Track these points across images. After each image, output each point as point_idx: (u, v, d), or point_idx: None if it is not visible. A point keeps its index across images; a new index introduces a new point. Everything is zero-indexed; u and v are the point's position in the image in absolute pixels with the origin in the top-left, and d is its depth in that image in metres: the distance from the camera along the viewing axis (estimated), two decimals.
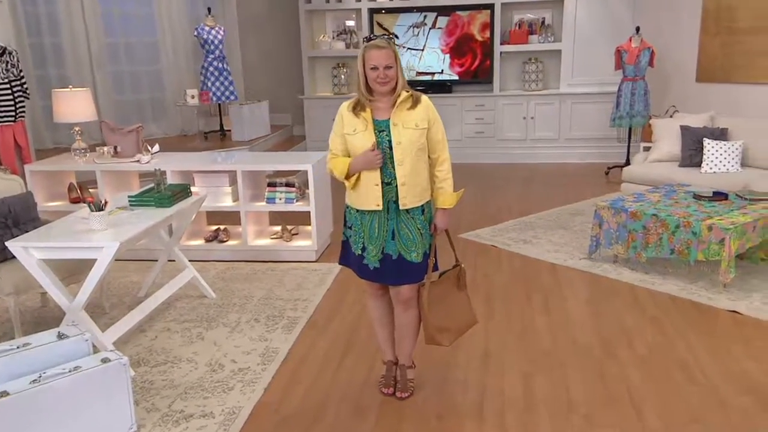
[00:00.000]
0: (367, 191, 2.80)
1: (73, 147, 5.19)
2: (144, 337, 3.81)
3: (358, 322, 3.91)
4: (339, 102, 9.72)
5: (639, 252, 4.48)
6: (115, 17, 8.12)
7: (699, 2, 7.57)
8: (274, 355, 3.52)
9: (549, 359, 3.39)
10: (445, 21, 8.69)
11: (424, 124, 2.78)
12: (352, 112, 2.80)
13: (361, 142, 2.76)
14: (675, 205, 4.53)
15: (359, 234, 2.89)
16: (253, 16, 9.41)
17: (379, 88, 2.72)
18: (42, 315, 4.18)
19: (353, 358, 3.48)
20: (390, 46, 2.71)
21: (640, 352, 3.43)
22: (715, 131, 5.71)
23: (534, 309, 4.02)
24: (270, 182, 5.11)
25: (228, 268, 4.95)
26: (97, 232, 3.33)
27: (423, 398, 3.07)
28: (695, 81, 7.74)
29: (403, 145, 2.75)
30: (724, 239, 4.04)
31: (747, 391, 3.05)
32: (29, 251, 3.21)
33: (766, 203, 4.51)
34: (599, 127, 8.38)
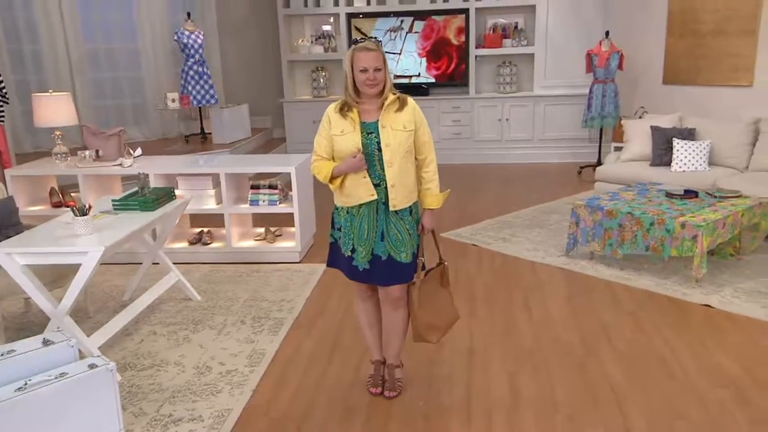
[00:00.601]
0: (357, 187, 2.74)
1: (54, 151, 5.04)
2: (130, 341, 3.70)
3: (343, 323, 3.85)
4: (318, 105, 9.59)
5: (615, 249, 4.49)
6: (95, 23, 7.94)
7: (665, 7, 7.63)
8: (261, 356, 3.44)
9: (532, 357, 3.36)
10: (422, 25, 8.65)
11: (411, 126, 2.74)
12: (339, 113, 2.74)
13: (349, 143, 2.71)
14: (648, 203, 4.54)
15: (348, 235, 2.83)
16: (233, 20, 9.28)
17: (367, 90, 2.67)
18: (25, 320, 4.04)
19: (340, 359, 3.42)
20: (379, 49, 2.66)
21: (619, 349, 3.42)
22: (684, 131, 5.75)
23: (516, 307, 4.00)
24: (253, 184, 5.01)
25: (213, 270, 4.85)
26: (81, 236, 3.22)
27: (410, 397, 3.02)
28: (662, 83, 7.80)
29: (392, 147, 2.70)
30: (697, 236, 4.05)
31: (723, 385, 3.05)
32: (12, 257, 3.08)
33: (734, 200, 4.55)
34: (571, 128, 8.42)
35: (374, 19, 8.70)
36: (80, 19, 7.70)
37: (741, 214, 4.36)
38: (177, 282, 4.19)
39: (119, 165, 4.93)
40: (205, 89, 8.00)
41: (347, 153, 2.71)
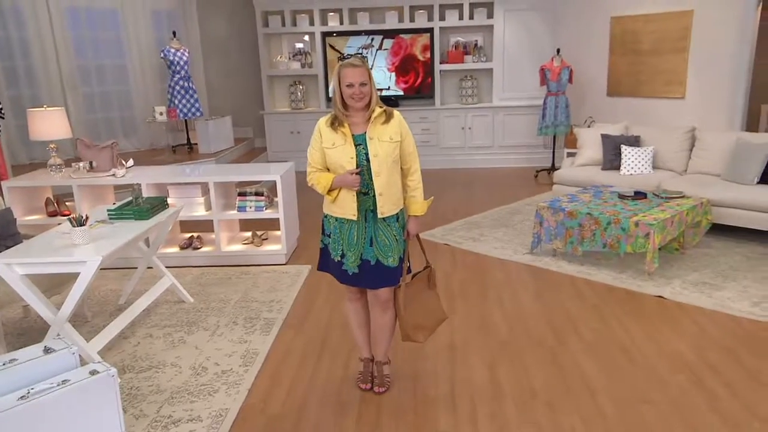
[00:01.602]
0: (345, 202, 2.66)
1: (49, 163, 4.79)
2: (127, 344, 3.51)
3: (330, 322, 3.73)
4: (296, 116, 9.41)
5: (575, 246, 4.46)
6: (85, 41, 7.63)
7: (607, 27, 7.70)
8: (255, 356, 3.30)
9: (508, 349, 3.29)
10: (390, 43, 8.55)
11: (397, 137, 2.65)
12: (330, 127, 2.64)
13: (340, 155, 2.61)
14: (604, 204, 4.53)
15: (338, 241, 2.73)
16: (215, 38, 9.05)
17: (354, 104, 2.57)
18: (24, 326, 3.81)
19: (329, 357, 3.30)
20: (364, 65, 2.57)
21: (587, 339, 3.37)
22: (630, 138, 5.77)
23: (490, 302, 3.92)
24: (240, 192, 4.85)
25: (203, 273, 4.67)
26: (79, 246, 3.04)
27: (399, 392, 2.92)
28: (606, 95, 7.88)
29: (380, 157, 2.60)
30: (649, 233, 4.04)
31: (680, 370, 3.03)
32: (12, 267, 2.88)
33: (679, 201, 4.57)
34: (527, 136, 8.43)
35: (347, 38, 8.57)
36: (71, 37, 7.40)
37: (686, 213, 4.37)
38: (170, 285, 4.01)
39: (112, 175, 4.71)
40: (191, 103, 7.77)
41: (340, 164, 2.62)
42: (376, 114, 2.61)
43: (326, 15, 8.57)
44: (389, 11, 8.46)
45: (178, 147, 8.08)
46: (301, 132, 8.76)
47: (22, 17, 6.93)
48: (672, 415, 2.65)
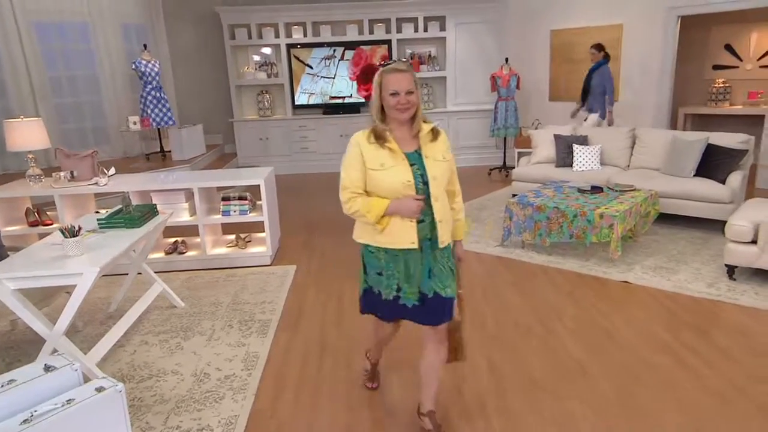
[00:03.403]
0: (401, 230, 2.06)
1: (28, 173, 4.30)
2: (123, 352, 3.15)
3: (324, 321, 3.47)
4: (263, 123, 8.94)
5: (544, 238, 4.36)
6: (56, 52, 7.01)
7: (548, 39, 7.71)
8: (256, 359, 3.00)
9: (501, 342, 3.13)
10: (351, 54, 8.27)
11: (448, 155, 2.13)
12: (376, 143, 2.04)
13: (393, 177, 2.02)
14: (568, 199, 4.45)
15: (393, 276, 2.14)
16: (183, 50, 8.53)
17: (399, 115, 2.02)
18: (12, 339, 3.37)
19: (331, 357, 3.04)
20: (409, 70, 2.03)
21: (570, 326, 3.25)
22: (579, 138, 5.75)
23: (475, 297, 3.74)
24: (224, 196, 4.50)
25: (190, 277, 4.30)
26: (72, 257, 2.67)
27: (404, 390, 2.70)
28: (548, 100, 7.90)
29: (438, 180, 2.06)
30: (613, 224, 3.98)
31: (661, 350, 2.94)
32: (3, 283, 2.49)
33: (632, 193, 4.54)
34: (479, 137, 8.36)
35: (311, 49, 8.25)
36: (40, 49, 6.77)
37: (641, 204, 4.34)
38: (161, 291, 3.65)
39: (95, 184, 4.27)
40: (163, 112, 7.28)
41: (392, 189, 2.03)
42: (427, 129, 2.08)
43: (291, 28, 8.22)
44: (350, 24, 8.20)
45: (151, 155, 7.57)
46: (270, 138, 8.39)
47: None
48: (665, 394, 2.55)
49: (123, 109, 7.63)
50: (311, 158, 8.48)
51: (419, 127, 2.08)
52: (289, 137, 8.41)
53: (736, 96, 7.75)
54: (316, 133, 8.40)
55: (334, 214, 5.96)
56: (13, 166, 6.41)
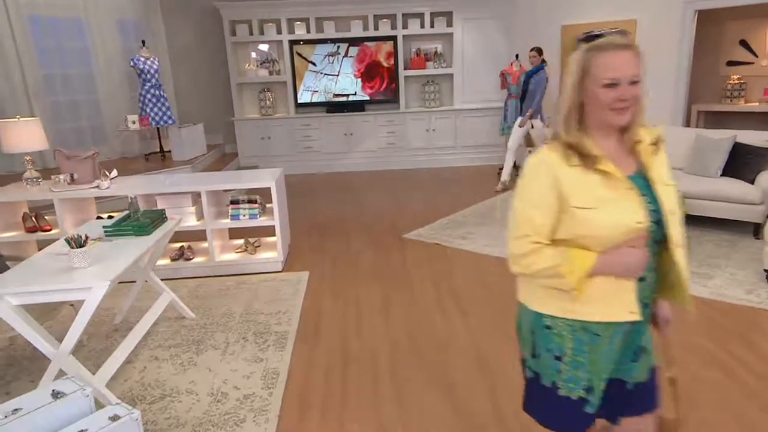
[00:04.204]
0: (610, 294, 1.37)
1: (26, 176, 4.09)
2: (132, 369, 2.95)
3: (345, 331, 3.29)
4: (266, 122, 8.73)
5: None
6: (50, 50, 6.77)
7: (558, 35, 7.54)
8: (276, 376, 2.82)
9: None
10: (356, 50, 8.10)
11: (671, 173, 1.44)
12: (580, 165, 1.33)
13: (618, 217, 1.32)
14: None
15: (581, 366, 1.42)
16: (182, 47, 8.31)
17: (615, 119, 1.33)
18: (11, 355, 3.17)
19: (355, 369, 2.86)
20: (633, 45, 1.34)
21: None
22: None
23: (502, 304, 3.58)
24: (233, 200, 4.31)
25: (199, 285, 4.11)
26: (79, 270, 2.47)
27: (441, 409, 2.52)
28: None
29: (676, 214, 1.38)
30: None
31: (710, 364, 2.78)
32: (4, 298, 2.30)
33: None
34: (486, 136, 8.19)
35: (314, 46, 8.05)
36: (34, 46, 6.53)
37: None
38: (169, 301, 3.45)
39: (96, 187, 4.07)
40: (162, 111, 7.07)
41: (610, 237, 1.32)
42: (649, 138, 1.40)
43: (293, 24, 8.01)
44: (354, 20, 8.00)
45: (150, 155, 7.36)
46: (272, 137, 8.19)
47: None
48: (722, 414, 2.38)
49: (120, 108, 7.41)
50: (315, 158, 8.29)
51: (637, 136, 1.38)
52: (292, 136, 8.21)
53: (752, 93, 7.62)
54: (319, 132, 8.20)
55: (341, 216, 5.78)
56: (6, 167, 6.18)
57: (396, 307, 3.56)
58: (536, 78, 6.25)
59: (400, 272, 4.15)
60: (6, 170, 6.31)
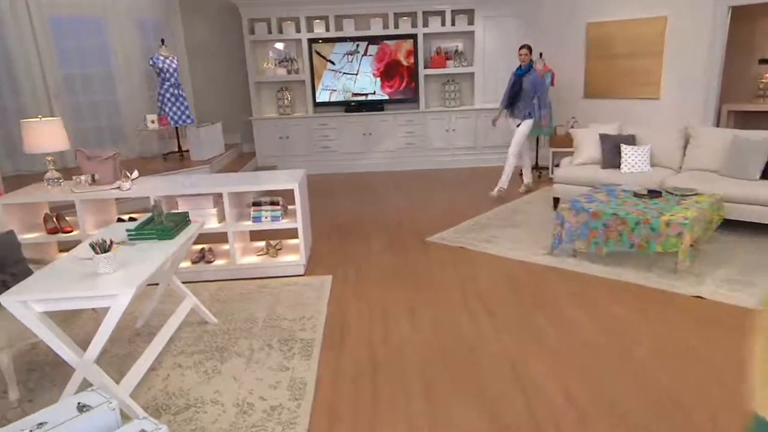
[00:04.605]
0: None
1: (47, 177, 4.05)
2: (155, 377, 2.88)
3: (372, 338, 3.19)
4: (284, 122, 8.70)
5: (600, 247, 4.05)
6: (70, 49, 6.76)
7: (583, 33, 7.38)
8: (303, 386, 2.73)
9: (574, 364, 2.84)
10: (375, 49, 8.00)
11: None
12: None
13: None
14: (625, 204, 4.14)
15: None
16: (201, 46, 8.27)
17: None
18: (34, 359, 3.11)
19: (385, 379, 2.76)
20: None
21: (647, 347, 2.95)
22: (627, 138, 5.43)
23: (530, 309, 3.46)
24: (255, 201, 4.24)
25: (220, 288, 4.04)
26: (104, 275, 2.40)
27: (479, 422, 2.41)
28: (582, 97, 7.57)
29: None
30: (681, 233, 3.67)
31: None
32: (28, 305, 2.23)
33: (695, 197, 4.23)
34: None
35: (333, 44, 7.96)
36: (55, 45, 6.53)
37: (707, 210, 4.03)
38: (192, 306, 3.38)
39: (118, 188, 4.01)
40: (181, 110, 7.03)
41: None
42: None
43: (312, 22, 7.93)
44: (374, 18, 7.91)
45: (168, 155, 7.33)
46: (290, 137, 8.13)
47: (4, 26, 6.05)
48: None
49: (139, 108, 7.40)
50: (333, 158, 8.21)
51: None
52: (310, 136, 8.14)
53: None
54: (337, 132, 8.12)
55: (361, 218, 5.68)
56: (26, 167, 6.18)
57: (422, 313, 3.46)
58: (530, 77, 6.00)
59: (424, 277, 4.05)
60: (27, 170, 6.32)
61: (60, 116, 6.52)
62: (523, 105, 6.06)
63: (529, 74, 5.99)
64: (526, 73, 6.00)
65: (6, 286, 2.72)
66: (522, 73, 6.03)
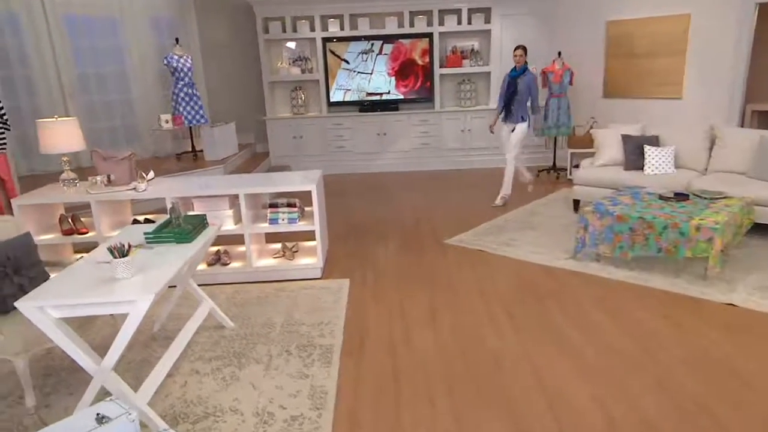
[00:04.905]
0: None
1: (62, 177, 4.02)
2: (173, 384, 2.82)
3: (392, 344, 3.11)
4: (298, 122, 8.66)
5: (625, 251, 3.95)
6: (84, 49, 6.76)
7: (603, 31, 7.25)
8: (324, 395, 2.66)
9: (605, 375, 2.74)
10: (390, 48, 7.92)
11: None
12: None
13: None
14: (650, 207, 4.03)
15: None
16: (215, 45, 8.24)
17: None
18: (49, 364, 3.07)
19: (407, 387, 2.68)
20: None
21: (680, 357, 2.84)
22: (651, 139, 5.30)
23: (555, 316, 3.37)
24: (271, 203, 4.17)
25: (236, 291, 3.98)
26: (122, 281, 2.35)
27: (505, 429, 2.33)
28: (602, 96, 7.44)
29: None
30: (712, 238, 3.56)
31: None
32: (45, 311, 2.18)
33: (725, 201, 4.10)
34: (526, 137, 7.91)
35: (347, 43, 7.90)
36: (69, 45, 6.52)
37: (738, 214, 3.91)
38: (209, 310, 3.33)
39: (133, 189, 3.97)
40: (195, 110, 7.00)
41: None
42: None
43: (327, 21, 7.87)
44: (389, 17, 7.83)
45: (182, 154, 7.31)
46: (303, 137, 8.07)
47: (19, 25, 6.05)
48: None
49: (153, 107, 7.38)
50: (347, 158, 8.14)
51: None
52: (324, 136, 8.08)
53: None
54: (352, 132, 8.05)
55: (377, 219, 5.61)
56: (40, 167, 6.18)
57: (444, 318, 3.38)
58: (525, 79, 5.67)
59: (444, 280, 3.97)
60: (42, 170, 6.32)
61: (74, 116, 6.53)
62: (517, 108, 5.74)
63: (524, 76, 5.68)
64: (520, 75, 5.70)
65: (23, 290, 2.67)
66: (517, 74, 5.72)
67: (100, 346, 3.18)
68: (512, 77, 5.76)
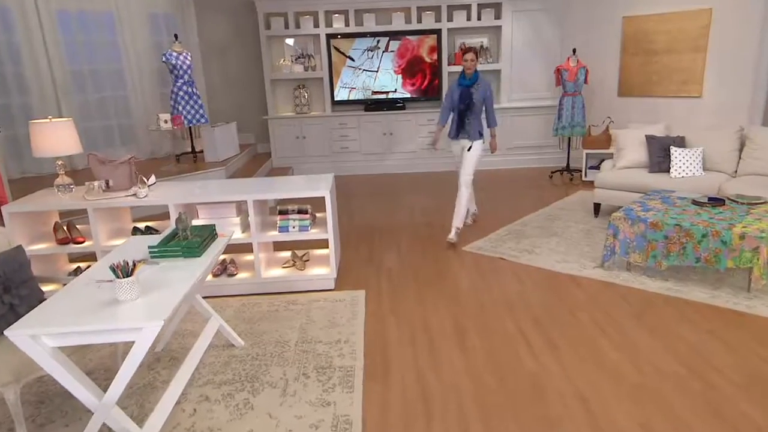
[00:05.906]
0: None
1: (57, 182, 3.76)
2: (180, 413, 2.58)
3: (418, 366, 2.88)
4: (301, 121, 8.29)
5: (659, 260, 3.72)
6: (79, 45, 6.49)
7: (619, 27, 7.03)
8: (348, 426, 2.42)
9: (650, 397, 2.51)
10: (397, 45, 7.68)
11: None
12: None
13: None
14: (685, 213, 3.81)
15: None
16: (215, 41, 7.98)
17: None
18: (42, 391, 2.82)
19: (439, 416, 2.44)
20: None
21: (732, 377, 2.62)
22: (677, 140, 5.08)
23: (591, 331, 3.14)
24: (281, 210, 3.93)
25: (244, 304, 3.74)
26: (125, 303, 2.10)
27: None
28: (617, 95, 7.22)
29: None
30: (759, 247, 3.33)
31: None
32: (40, 340, 1.93)
33: (766, 207, 3.88)
34: (536, 137, 7.72)
35: (352, 40, 7.65)
36: (62, 41, 6.25)
37: None
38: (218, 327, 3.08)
39: (134, 195, 3.72)
40: (195, 109, 6.74)
41: None
42: None
43: (331, 16, 7.62)
44: (396, 12, 7.59)
45: (181, 155, 7.04)
46: (307, 137, 7.82)
47: (10, 20, 5.78)
48: None
49: (150, 106, 7.12)
50: (352, 159, 7.90)
51: None
52: (328, 136, 7.83)
53: None
54: (357, 131, 7.81)
55: (388, 223, 5.37)
56: (33, 170, 5.91)
57: (471, 336, 3.15)
58: (480, 88, 4.69)
59: (466, 292, 3.74)
60: (34, 172, 6.05)
61: (68, 115, 6.26)
62: (472, 123, 4.75)
63: (479, 84, 4.68)
64: (474, 84, 4.69)
65: (13, 310, 2.43)
66: (469, 83, 4.68)
67: (96, 369, 2.94)
68: (465, 86, 4.71)
